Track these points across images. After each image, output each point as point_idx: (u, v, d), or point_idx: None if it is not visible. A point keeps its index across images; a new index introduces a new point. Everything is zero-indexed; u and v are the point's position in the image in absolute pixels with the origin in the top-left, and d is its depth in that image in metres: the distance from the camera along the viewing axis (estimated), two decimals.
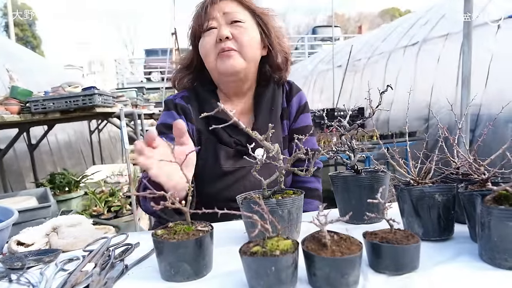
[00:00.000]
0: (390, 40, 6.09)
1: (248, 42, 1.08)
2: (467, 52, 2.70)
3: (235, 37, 1.07)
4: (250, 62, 1.11)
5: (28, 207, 1.69)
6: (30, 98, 2.54)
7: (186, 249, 0.61)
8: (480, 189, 0.70)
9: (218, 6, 1.10)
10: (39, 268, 0.72)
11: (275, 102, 1.18)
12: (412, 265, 0.59)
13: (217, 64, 1.08)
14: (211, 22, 1.09)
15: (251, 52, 1.09)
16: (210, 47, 1.09)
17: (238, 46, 1.07)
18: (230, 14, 1.09)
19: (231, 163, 1.10)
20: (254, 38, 1.11)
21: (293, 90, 1.25)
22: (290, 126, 1.23)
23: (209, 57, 1.10)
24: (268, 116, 1.16)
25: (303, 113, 1.25)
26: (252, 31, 1.11)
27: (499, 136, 3.25)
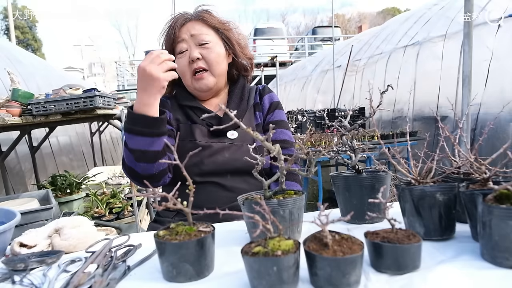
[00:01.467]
0: (390, 40, 6.08)
1: (215, 60, 1.25)
2: (468, 52, 2.70)
3: (204, 57, 1.24)
4: (219, 76, 1.28)
5: (30, 209, 1.69)
6: (31, 101, 2.55)
7: (188, 250, 0.61)
8: (481, 188, 0.70)
9: (185, 28, 1.25)
10: (42, 269, 0.72)
11: (244, 95, 1.34)
12: (413, 264, 0.60)
13: (193, 84, 1.27)
14: (182, 45, 1.25)
15: (218, 67, 1.27)
16: (184, 68, 1.25)
17: (207, 64, 1.25)
18: (197, 37, 1.24)
19: (205, 139, 1.24)
20: (220, 55, 1.27)
21: (266, 90, 1.42)
22: (265, 117, 1.37)
23: (185, 77, 1.27)
24: (238, 104, 1.30)
25: (278, 109, 1.39)
26: (218, 48, 1.27)
27: (501, 135, 3.25)
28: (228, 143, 1.23)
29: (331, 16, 7.35)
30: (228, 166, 1.20)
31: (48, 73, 6.15)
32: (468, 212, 0.70)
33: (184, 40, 1.25)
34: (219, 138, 1.24)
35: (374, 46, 6.49)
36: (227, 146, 1.23)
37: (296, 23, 42.08)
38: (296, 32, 35.87)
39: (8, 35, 9.48)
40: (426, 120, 4.51)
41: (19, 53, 5.82)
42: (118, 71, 17.17)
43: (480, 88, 3.59)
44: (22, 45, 21.70)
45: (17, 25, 20.72)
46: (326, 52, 9.06)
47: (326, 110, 4.50)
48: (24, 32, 23.52)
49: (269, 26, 16.65)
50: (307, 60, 11.08)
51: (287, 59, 14.76)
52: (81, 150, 5.96)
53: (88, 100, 2.59)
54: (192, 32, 1.25)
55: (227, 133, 1.26)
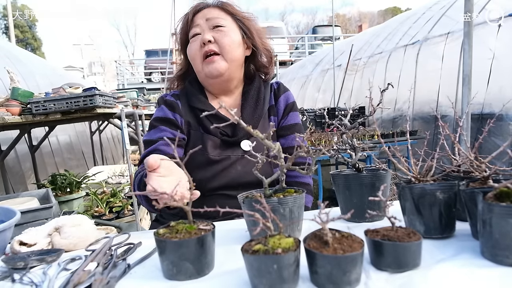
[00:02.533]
0: (390, 39, 6.08)
1: (229, 44, 1.17)
2: (468, 51, 2.70)
3: (216, 40, 1.16)
4: (232, 62, 1.19)
5: (30, 208, 1.69)
6: (31, 100, 2.55)
7: (188, 248, 0.61)
8: (481, 186, 0.70)
9: (202, 14, 1.20)
10: (42, 268, 0.72)
11: (260, 98, 1.25)
12: (414, 262, 0.59)
13: (203, 68, 1.19)
14: (195, 29, 1.19)
15: (231, 53, 1.18)
16: (195, 51, 1.18)
17: (220, 48, 1.17)
18: (212, 20, 1.18)
19: (217, 152, 1.16)
20: (234, 40, 1.19)
21: (281, 90, 1.33)
22: (279, 122, 1.29)
23: (195, 61, 1.20)
24: (253, 111, 1.23)
25: (292, 111, 1.31)
26: (233, 34, 1.19)
27: (503, 134, 3.25)
28: (241, 155, 1.17)
29: (331, 16, 7.36)
30: (240, 180, 1.14)
31: (48, 72, 6.14)
32: (468, 210, 0.70)
33: (199, 25, 1.19)
34: (232, 149, 1.17)
35: (375, 46, 6.49)
36: (239, 158, 1.16)
37: (295, 22, 42.06)
38: (296, 31, 35.86)
39: (8, 34, 9.48)
40: (426, 119, 4.50)
41: (19, 52, 5.81)
42: (118, 70, 17.16)
43: (482, 88, 3.58)
44: (21, 44, 21.68)
45: (17, 24, 20.70)
46: (326, 51, 9.05)
47: (326, 109, 4.50)
48: (24, 31, 23.50)
49: (269, 25, 16.64)
50: (307, 59, 11.07)
51: (287, 58, 14.76)
52: (81, 149, 5.96)
53: (88, 99, 2.58)
54: (208, 16, 1.19)
55: (241, 143, 1.19)
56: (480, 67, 3.56)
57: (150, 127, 1.22)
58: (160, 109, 1.24)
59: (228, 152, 1.17)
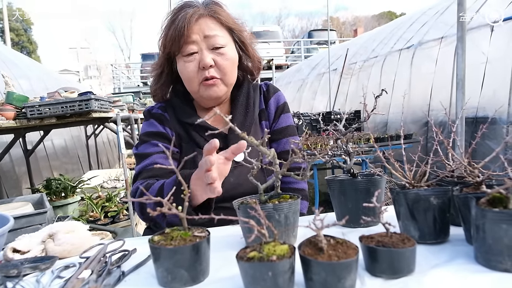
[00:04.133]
0: (385, 43, 6.12)
1: (230, 68, 1.11)
2: (461, 55, 2.72)
3: (217, 65, 1.09)
4: (230, 86, 1.16)
5: (23, 213, 1.68)
6: (26, 104, 2.54)
7: (183, 255, 0.61)
8: (475, 191, 0.71)
9: (198, 26, 1.08)
10: (35, 275, 0.72)
11: (250, 103, 1.20)
12: (408, 268, 0.60)
13: (200, 91, 1.12)
14: (192, 47, 1.08)
15: (232, 77, 1.14)
16: (192, 74, 1.10)
17: (221, 73, 1.10)
18: (211, 39, 1.09)
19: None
20: (234, 62, 1.14)
21: (270, 91, 1.27)
22: (271, 126, 1.25)
23: (192, 84, 1.12)
24: (244, 118, 1.18)
25: (283, 113, 1.26)
26: (232, 53, 1.13)
27: (497, 138, 3.27)
28: (233, 166, 1.09)
29: (326, 19, 7.39)
30: (233, 191, 1.06)
31: (44, 76, 6.12)
32: (462, 215, 0.71)
33: (196, 42, 1.08)
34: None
35: (370, 50, 6.53)
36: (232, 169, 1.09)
37: (291, 26, 42.25)
38: (292, 35, 36.02)
39: (3, 37, 9.44)
40: (421, 122, 4.53)
41: (14, 55, 5.79)
42: (114, 74, 17.13)
43: (476, 92, 3.62)
44: (17, 47, 21.58)
45: (12, 27, 20.60)
46: (322, 55, 9.10)
47: (321, 114, 4.51)
48: (19, 35, 23.40)
49: (265, 29, 16.73)
50: (303, 63, 11.12)
51: (283, 62, 14.83)
52: (77, 153, 5.93)
53: (83, 103, 2.58)
54: (206, 33, 1.08)
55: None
56: (474, 71, 3.59)
57: (141, 142, 1.17)
58: (149, 123, 1.19)
59: None
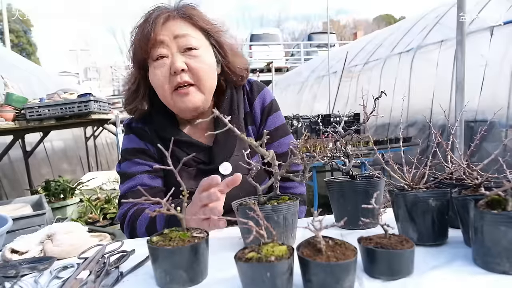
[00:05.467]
0: (385, 46, 6.14)
1: (206, 74, 1.00)
2: (461, 59, 2.73)
3: (190, 68, 0.99)
4: (209, 94, 1.05)
5: (22, 215, 1.68)
6: (25, 105, 2.54)
7: (181, 256, 0.61)
8: (473, 194, 0.71)
9: (166, 27, 0.98)
10: (33, 276, 0.71)
11: (233, 109, 1.11)
12: (407, 270, 0.60)
13: (174, 100, 1.01)
14: (161, 50, 0.98)
15: (209, 83, 1.03)
16: (163, 80, 0.99)
17: (195, 78, 1.00)
18: (182, 39, 0.98)
19: (192, 184, 1.02)
20: (211, 66, 1.03)
21: (254, 91, 1.16)
22: (258, 130, 1.16)
23: (163, 91, 1.01)
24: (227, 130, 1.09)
25: (271, 115, 1.15)
26: (208, 58, 1.03)
27: (496, 141, 3.28)
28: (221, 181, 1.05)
29: (326, 22, 7.41)
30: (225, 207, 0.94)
31: (43, 77, 6.12)
32: (461, 217, 0.71)
33: (164, 43, 0.98)
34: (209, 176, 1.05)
35: (370, 53, 6.55)
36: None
37: (291, 29, 42.36)
38: (292, 38, 36.11)
39: (3, 39, 9.45)
40: (421, 125, 4.54)
41: (14, 57, 5.80)
42: (113, 76, 17.15)
43: (476, 95, 3.63)
44: (16, 49, 21.61)
45: (12, 29, 20.64)
46: (322, 58, 9.12)
47: (320, 116, 4.52)
48: (19, 36, 23.44)
49: (265, 32, 16.78)
50: (303, 66, 11.14)
51: (283, 65, 14.87)
52: (76, 155, 5.93)
53: (82, 105, 2.58)
54: (176, 33, 0.98)
55: (219, 167, 1.06)
56: (473, 74, 3.60)
57: (123, 159, 1.12)
58: (130, 139, 1.13)
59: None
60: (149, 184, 1.07)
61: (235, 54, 1.11)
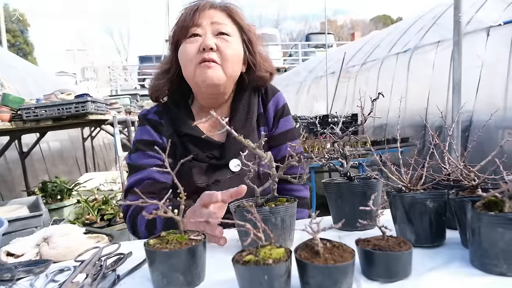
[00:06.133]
0: (382, 47, 6.15)
1: (232, 57, 1.05)
2: (457, 59, 2.74)
3: (219, 49, 1.04)
4: (230, 78, 1.08)
5: (18, 216, 1.66)
6: (22, 106, 2.53)
7: (178, 259, 0.60)
8: (471, 195, 0.71)
9: (206, 14, 1.06)
10: (29, 279, 0.71)
11: (250, 110, 1.15)
12: (404, 272, 0.60)
13: (196, 73, 1.04)
14: (196, 29, 1.05)
15: (232, 67, 1.07)
16: (192, 55, 1.04)
17: (221, 59, 1.04)
18: (217, 25, 1.06)
19: (204, 179, 1.07)
20: (238, 53, 1.09)
21: (269, 94, 1.20)
22: (270, 131, 1.19)
23: (189, 66, 1.06)
24: (243, 125, 1.13)
25: (282, 117, 1.20)
26: (237, 45, 1.09)
27: (492, 142, 3.29)
28: (229, 177, 1.08)
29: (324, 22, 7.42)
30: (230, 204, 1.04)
31: (40, 78, 6.10)
32: (458, 219, 0.71)
33: (201, 26, 1.05)
34: (220, 172, 1.09)
35: (367, 53, 6.56)
36: (227, 180, 1.07)
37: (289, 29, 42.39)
38: (290, 38, 36.12)
39: None
40: (418, 126, 4.55)
41: (10, 57, 5.77)
42: (111, 76, 17.10)
43: (472, 96, 3.64)
44: (13, 49, 21.52)
45: (9, 28, 20.55)
46: (320, 59, 9.12)
47: (318, 117, 4.52)
48: (16, 36, 23.34)
49: (263, 32, 16.78)
50: (301, 66, 11.15)
51: (281, 65, 14.87)
52: (73, 155, 5.90)
53: (79, 106, 2.57)
54: (214, 20, 1.06)
55: (229, 163, 1.09)
56: (470, 75, 3.61)
57: (135, 150, 1.13)
58: (144, 130, 1.15)
59: (216, 176, 1.09)
60: (157, 179, 1.08)
61: (262, 56, 1.18)
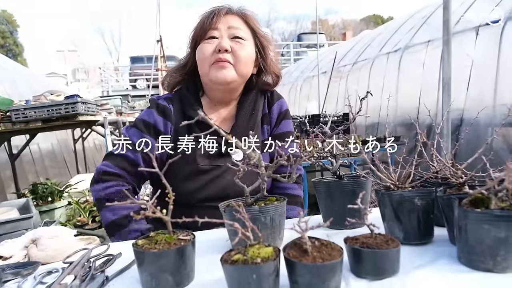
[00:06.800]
0: (373, 46, 6.19)
1: (245, 58, 1.15)
2: (447, 59, 2.77)
3: (233, 51, 1.14)
4: (241, 77, 1.18)
5: (8, 219, 1.65)
6: (11, 107, 2.50)
7: (167, 259, 0.60)
8: (458, 192, 0.72)
9: (224, 19, 1.17)
10: (17, 281, 0.70)
11: (255, 107, 1.24)
12: (392, 269, 0.60)
13: (210, 72, 1.14)
14: (214, 32, 1.15)
15: (244, 68, 1.16)
16: (208, 55, 1.14)
17: (235, 60, 1.14)
18: (233, 29, 1.16)
19: (207, 162, 1.14)
20: (250, 56, 1.18)
21: (274, 97, 1.31)
22: (272, 131, 1.28)
23: (204, 64, 1.15)
24: (247, 120, 1.21)
25: (285, 119, 1.30)
26: (250, 49, 1.18)
27: (483, 140, 3.33)
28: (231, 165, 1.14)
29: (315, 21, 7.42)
30: (229, 190, 1.10)
31: (30, 79, 6.02)
32: (446, 216, 0.72)
33: (218, 29, 1.15)
34: (223, 159, 1.14)
35: (358, 53, 6.59)
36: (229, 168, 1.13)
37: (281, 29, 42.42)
38: (282, 38, 36.16)
39: None
40: (409, 125, 4.59)
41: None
42: (102, 77, 16.96)
43: (462, 94, 3.68)
44: (2, 50, 21.23)
45: None
46: (311, 58, 9.15)
47: (310, 116, 4.54)
48: (5, 37, 23.03)
49: None
50: (292, 67, 11.17)
51: None
52: (64, 157, 5.84)
53: (70, 107, 2.55)
54: (230, 24, 1.16)
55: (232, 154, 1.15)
56: (460, 74, 3.65)
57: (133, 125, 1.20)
58: (149, 112, 1.20)
59: (218, 161, 1.15)
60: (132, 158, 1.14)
61: (273, 61, 1.27)
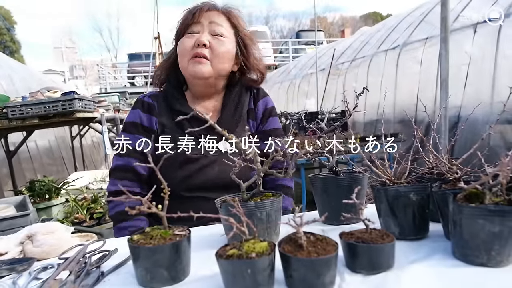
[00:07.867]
0: (372, 43, 6.19)
1: (222, 54, 1.17)
2: (445, 56, 2.77)
3: (212, 46, 1.15)
4: (218, 73, 1.19)
5: (5, 216, 1.64)
6: (7, 104, 2.49)
7: (162, 254, 0.60)
8: (453, 188, 0.72)
9: (207, 14, 1.18)
10: (12, 277, 0.70)
11: (240, 101, 1.26)
12: (387, 264, 0.60)
13: (188, 66, 1.17)
14: (195, 27, 1.17)
15: (221, 64, 1.18)
16: (187, 49, 1.16)
17: (212, 55, 1.15)
18: (214, 25, 1.17)
19: (194, 150, 1.16)
20: (228, 52, 1.19)
21: (260, 94, 1.33)
22: (258, 126, 1.30)
23: (183, 58, 1.18)
24: (232, 114, 1.24)
25: (272, 116, 1.32)
26: (230, 46, 1.19)
27: (479, 137, 3.33)
28: (217, 155, 1.16)
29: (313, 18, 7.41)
30: (217, 181, 1.14)
31: (27, 76, 6.00)
32: (441, 211, 0.72)
33: (200, 23, 1.17)
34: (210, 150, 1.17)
35: (356, 50, 6.59)
36: (217, 158, 1.16)
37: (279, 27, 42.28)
38: (280, 35, 36.08)
39: None
40: (408, 122, 4.59)
41: None
42: (100, 74, 16.91)
43: (460, 91, 3.68)
44: None
45: None
46: (310, 56, 9.15)
47: (308, 113, 4.54)
48: (2, 34, 22.89)
49: (254, 29, 16.74)
50: (291, 64, 11.16)
51: (271, 63, 14.85)
52: (61, 154, 5.82)
53: (66, 103, 2.54)
54: (212, 20, 1.17)
55: (219, 143, 1.17)
56: (458, 71, 3.66)
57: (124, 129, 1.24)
58: (135, 113, 1.24)
59: (205, 152, 1.17)
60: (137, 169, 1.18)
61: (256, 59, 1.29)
